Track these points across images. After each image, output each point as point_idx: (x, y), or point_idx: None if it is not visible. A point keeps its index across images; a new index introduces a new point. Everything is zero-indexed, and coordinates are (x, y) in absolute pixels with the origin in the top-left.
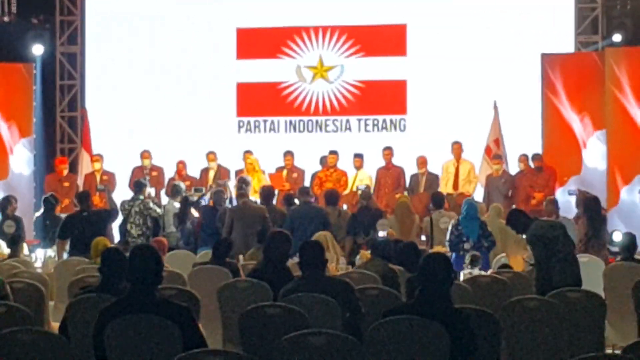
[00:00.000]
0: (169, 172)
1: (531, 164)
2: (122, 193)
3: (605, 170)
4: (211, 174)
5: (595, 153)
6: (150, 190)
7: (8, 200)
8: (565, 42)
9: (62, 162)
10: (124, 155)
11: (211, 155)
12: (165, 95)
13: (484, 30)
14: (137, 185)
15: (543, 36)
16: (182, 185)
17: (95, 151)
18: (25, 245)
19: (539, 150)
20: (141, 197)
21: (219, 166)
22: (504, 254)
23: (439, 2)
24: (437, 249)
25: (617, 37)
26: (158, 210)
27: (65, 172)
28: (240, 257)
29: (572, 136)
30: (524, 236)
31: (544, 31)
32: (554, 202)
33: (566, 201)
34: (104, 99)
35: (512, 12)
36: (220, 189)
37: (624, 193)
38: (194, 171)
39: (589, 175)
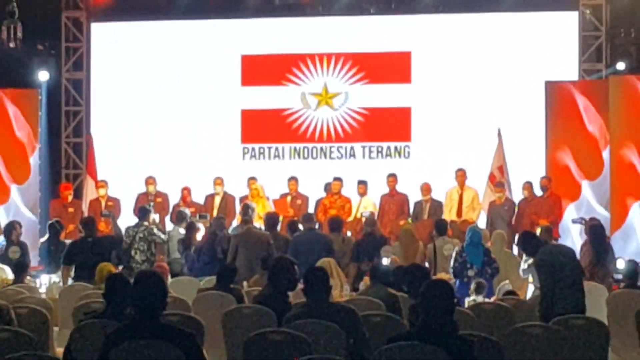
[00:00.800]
0: (174, 199)
1: (537, 189)
2: (126, 219)
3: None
4: (217, 200)
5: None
6: (155, 217)
7: (12, 225)
8: (569, 69)
9: (66, 188)
10: (128, 181)
11: (218, 180)
12: (170, 121)
13: (488, 58)
14: (141, 212)
15: (547, 64)
16: (187, 211)
17: (100, 177)
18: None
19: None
20: (145, 223)
21: (225, 193)
22: (507, 281)
23: (443, 30)
24: (441, 275)
25: (621, 65)
26: (162, 236)
27: (70, 197)
28: (245, 283)
29: (575, 165)
30: (528, 261)
31: (548, 59)
32: (549, 230)
33: (570, 229)
34: (109, 125)
35: (516, 39)
36: (221, 215)
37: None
38: (198, 197)
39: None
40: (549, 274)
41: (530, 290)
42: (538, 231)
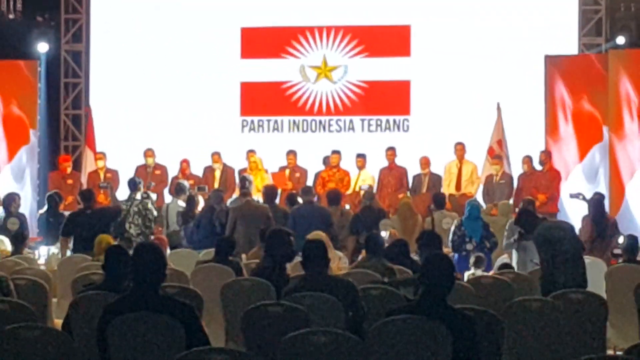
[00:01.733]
0: (173, 171)
1: (536, 164)
2: (125, 191)
3: (607, 171)
4: (217, 173)
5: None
6: (153, 196)
7: (12, 197)
8: (569, 44)
9: (65, 160)
10: (127, 153)
11: (216, 157)
12: (169, 93)
13: (488, 32)
14: (131, 184)
15: (547, 38)
16: (186, 183)
17: (99, 149)
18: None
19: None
20: (138, 196)
21: (225, 165)
22: (505, 255)
23: (443, 4)
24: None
25: (620, 40)
26: (154, 212)
27: (69, 169)
28: (243, 255)
29: (574, 139)
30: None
31: (547, 33)
32: (531, 203)
33: (568, 203)
34: (108, 97)
35: (516, 13)
36: (219, 188)
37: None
38: (197, 170)
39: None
40: (548, 248)
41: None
42: (521, 204)
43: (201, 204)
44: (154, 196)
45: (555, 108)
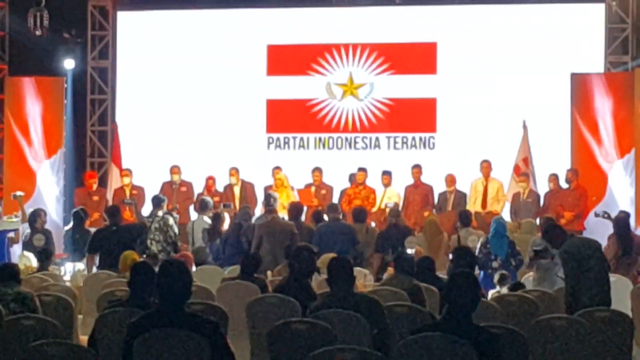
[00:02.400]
0: (198, 188)
1: (562, 182)
2: (151, 208)
3: (633, 192)
4: (236, 189)
5: (622, 175)
6: (176, 205)
7: (37, 213)
8: (595, 61)
9: (91, 177)
10: (153, 170)
11: (233, 171)
12: (195, 110)
13: (514, 49)
14: (155, 201)
15: (573, 55)
16: (210, 200)
17: (124, 166)
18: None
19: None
20: (160, 212)
21: (243, 181)
22: (531, 273)
23: (469, 21)
24: None
25: None
26: (176, 229)
27: (95, 186)
28: (269, 273)
29: (600, 157)
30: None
31: (573, 50)
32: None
33: (596, 222)
34: (135, 113)
35: (542, 31)
36: (247, 205)
37: None
38: (223, 187)
39: (616, 197)
40: (574, 265)
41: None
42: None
43: (227, 220)
44: (177, 216)
45: (581, 126)
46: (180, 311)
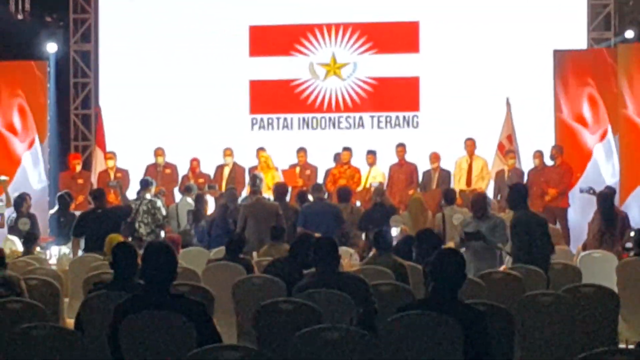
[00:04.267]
0: (183, 170)
1: (547, 157)
2: (135, 190)
3: (618, 166)
4: (226, 170)
5: (606, 151)
6: (162, 189)
7: (23, 197)
8: (577, 38)
9: (75, 158)
10: (137, 152)
11: (228, 151)
12: (178, 92)
13: (496, 27)
14: (142, 183)
15: (555, 32)
16: (194, 185)
17: (108, 149)
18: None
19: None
20: (147, 195)
21: (235, 164)
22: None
23: (451, 0)
24: (450, 244)
25: (629, 34)
26: (163, 211)
27: (79, 167)
28: (254, 253)
29: (581, 134)
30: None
31: (556, 27)
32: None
33: (581, 198)
34: (118, 96)
35: (524, 8)
36: (232, 187)
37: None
38: (207, 168)
39: (602, 172)
40: (523, 236)
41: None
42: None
43: (211, 202)
44: (163, 199)
45: (563, 103)
46: (165, 293)
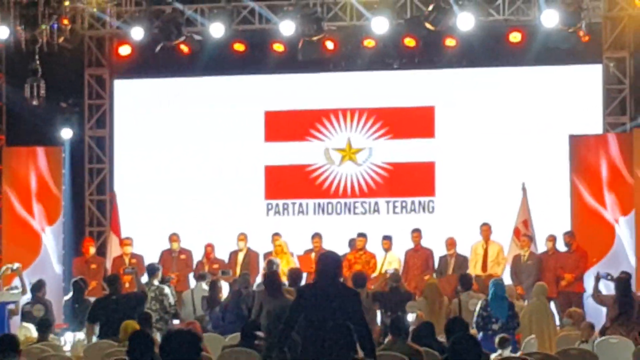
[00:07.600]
0: (198, 255)
1: (561, 243)
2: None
3: (634, 252)
4: (240, 256)
5: (624, 235)
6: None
7: (42, 283)
8: (593, 123)
9: (88, 242)
10: (152, 238)
11: (241, 236)
12: (193, 178)
13: (512, 112)
14: (150, 269)
15: (571, 117)
16: (208, 274)
17: (123, 234)
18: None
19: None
20: (155, 281)
21: (249, 249)
22: (533, 335)
23: (467, 85)
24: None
25: None
26: (172, 298)
27: (92, 250)
28: None
29: (600, 218)
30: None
31: (571, 112)
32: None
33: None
34: (133, 182)
35: (540, 93)
36: (246, 272)
37: None
38: (222, 254)
39: (619, 257)
40: None
41: None
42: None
43: (225, 287)
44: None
45: (580, 188)
46: None
